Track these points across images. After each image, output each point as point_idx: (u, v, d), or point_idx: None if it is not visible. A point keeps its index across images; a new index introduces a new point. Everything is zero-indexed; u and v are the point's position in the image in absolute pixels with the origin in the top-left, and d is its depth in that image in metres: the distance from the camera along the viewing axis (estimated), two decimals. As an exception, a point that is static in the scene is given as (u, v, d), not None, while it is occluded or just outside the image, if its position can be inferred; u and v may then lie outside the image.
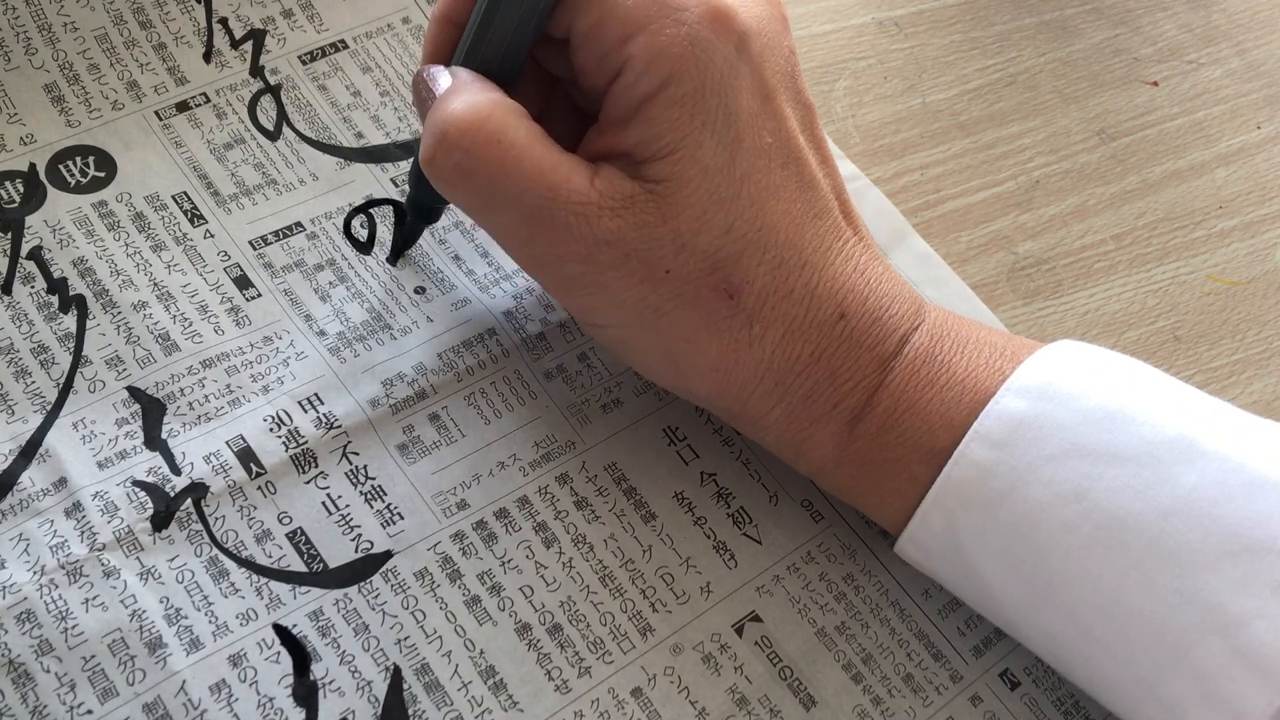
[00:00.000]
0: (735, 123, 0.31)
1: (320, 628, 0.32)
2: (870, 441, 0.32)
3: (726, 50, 0.31)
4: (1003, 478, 0.30)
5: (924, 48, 0.49)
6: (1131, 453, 0.29)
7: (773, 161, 0.31)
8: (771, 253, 0.31)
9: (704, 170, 0.31)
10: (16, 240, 0.37)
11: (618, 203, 0.31)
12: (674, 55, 0.30)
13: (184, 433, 0.34)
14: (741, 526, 0.36)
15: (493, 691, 0.32)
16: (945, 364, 0.32)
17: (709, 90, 0.30)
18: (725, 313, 0.31)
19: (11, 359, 0.35)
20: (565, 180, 0.30)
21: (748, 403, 0.33)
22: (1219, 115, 0.48)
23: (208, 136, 0.40)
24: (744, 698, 0.33)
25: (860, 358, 0.32)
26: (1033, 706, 0.34)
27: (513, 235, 0.32)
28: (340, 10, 0.44)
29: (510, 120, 0.31)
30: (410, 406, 0.36)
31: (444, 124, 0.30)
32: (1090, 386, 0.31)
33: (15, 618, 0.31)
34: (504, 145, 0.30)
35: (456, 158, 0.30)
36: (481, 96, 0.31)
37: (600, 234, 0.30)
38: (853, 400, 0.32)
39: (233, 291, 0.37)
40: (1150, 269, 0.44)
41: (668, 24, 0.30)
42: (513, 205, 0.31)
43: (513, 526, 0.35)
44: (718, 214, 0.31)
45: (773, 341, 0.32)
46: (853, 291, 0.32)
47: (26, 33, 0.40)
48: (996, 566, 0.31)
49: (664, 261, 0.31)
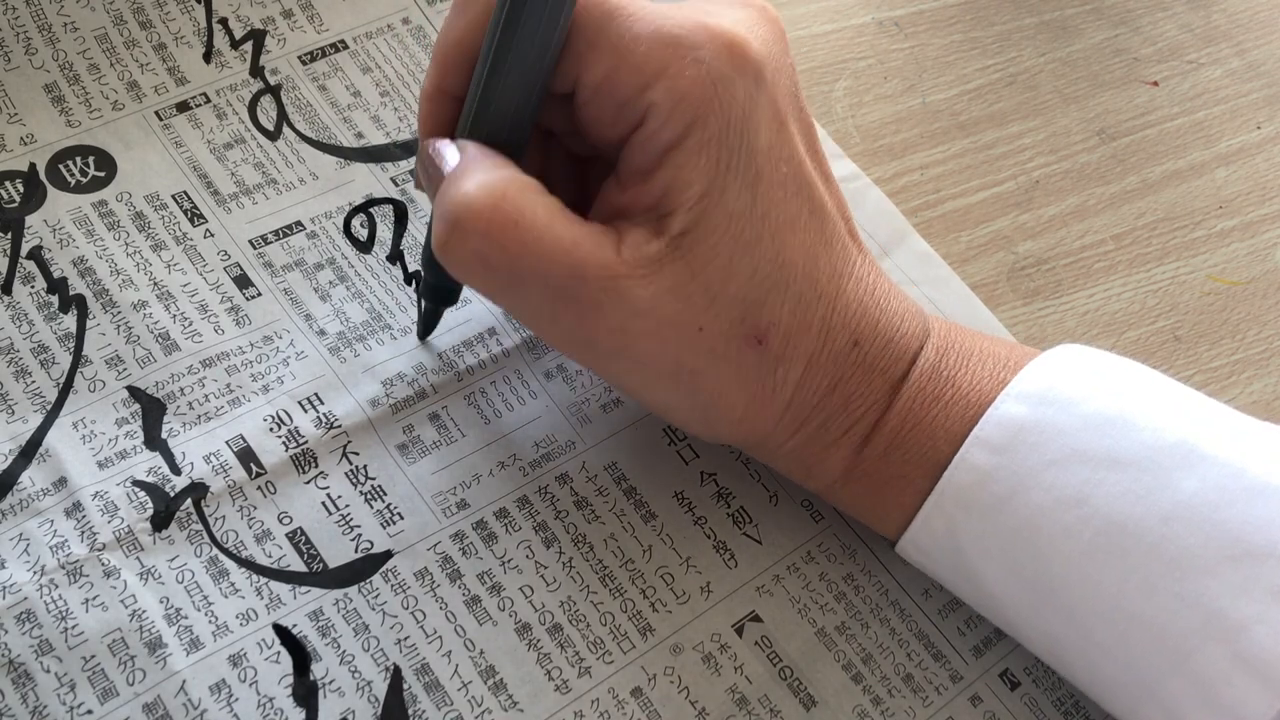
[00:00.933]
0: (756, 159, 0.30)
1: (320, 628, 0.32)
2: (877, 461, 0.32)
3: (746, 84, 0.29)
4: (1003, 482, 0.30)
5: (924, 48, 0.49)
6: (1132, 458, 0.29)
7: (787, 192, 0.31)
8: (793, 289, 0.31)
9: (729, 215, 0.29)
10: (16, 240, 0.37)
11: (647, 268, 0.29)
12: (697, 98, 0.29)
13: (184, 432, 0.34)
14: (741, 526, 0.36)
15: (493, 691, 0.32)
16: (950, 379, 0.32)
17: (732, 129, 0.29)
18: (755, 362, 0.31)
19: (11, 359, 0.35)
20: (590, 256, 0.29)
21: (768, 439, 0.33)
22: (1219, 115, 0.48)
23: (208, 136, 0.40)
24: (744, 698, 0.33)
25: (873, 382, 0.32)
26: (1033, 706, 0.34)
27: (538, 316, 0.30)
28: (340, 10, 0.44)
29: (527, 199, 0.29)
30: (410, 406, 0.36)
31: (457, 209, 0.28)
32: (1091, 391, 0.31)
33: (15, 618, 0.31)
34: (522, 227, 0.28)
35: (473, 244, 0.28)
36: (494, 175, 0.29)
37: (633, 304, 0.29)
38: (864, 424, 0.32)
39: (233, 291, 0.37)
40: (1150, 269, 0.44)
41: (686, 65, 0.29)
42: (537, 287, 0.29)
43: (513, 526, 0.35)
44: (744, 259, 0.30)
45: (795, 380, 0.31)
46: (865, 317, 0.32)
47: (26, 33, 0.40)
48: (997, 570, 0.31)
49: (697, 319, 0.30)
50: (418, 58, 0.43)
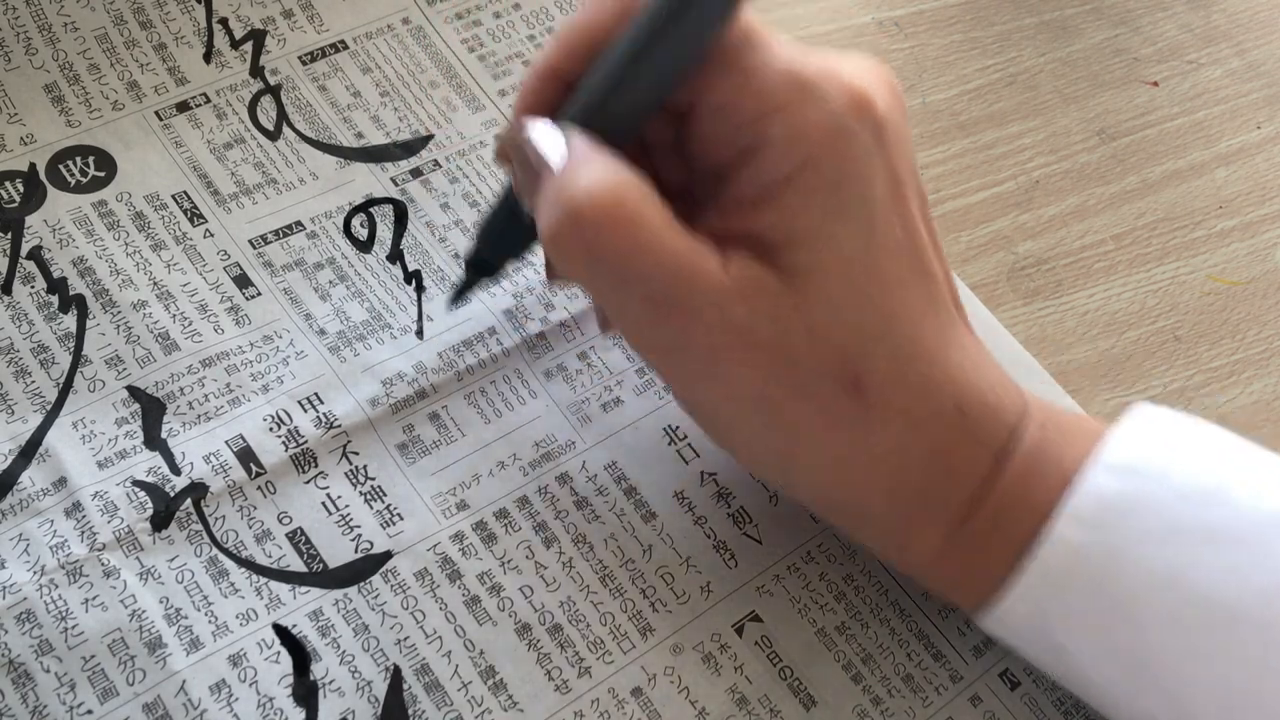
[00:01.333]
0: (871, 213, 0.30)
1: (320, 628, 0.32)
2: (978, 539, 0.31)
3: (866, 139, 0.29)
4: (1097, 560, 0.29)
5: (924, 48, 0.49)
6: (1229, 532, 0.29)
7: (899, 251, 0.30)
8: (897, 345, 0.30)
9: (840, 261, 0.29)
10: (16, 240, 0.37)
11: (751, 291, 0.29)
12: (816, 140, 0.29)
13: (184, 432, 0.34)
14: (741, 526, 0.36)
15: (493, 691, 0.32)
16: (1054, 457, 0.31)
17: (848, 179, 0.29)
18: (848, 407, 0.30)
19: (11, 359, 0.35)
20: (698, 266, 0.29)
21: (856, 498, 0.31)
22: (1219, 115, 0.48)
23: (208, 136, 0.40)
24: (744, 698, 0.33)
25: (977, 453, 0.31)
26: (1033, 706, 0.34)
27: (637, 318, 0.30)
28: (340, 10, 0.44)
29: (646, 201, 0.29)
30: (410, 406, 0.36)
31: (577, 200, 0.28)
32: (1181, 461, 0.30)
33: (15, 618, 0.31)
34: (639, 226, 0.28)
35: (589, 237, 0.28)
36: (613, 173, 0.29)
37: (731, 323, 0.29)
38: (964, 497, 0.31)
39: (232, 290, 0.37)
40: (1150, 269, 0.44)
41: (809, 106, 0.29)
42: (641, 288, 0.29)
43: (513, 526, 0.35)
44: (850, 306, 0.29)
45: (892, 438, 0.30)
46: (969, 384, 0.31)
47: (26, 33, 0.40)
48: (1091, 649, 0.30)
49: (793, 353, 0.29)
50: (418, 58, 0.43)
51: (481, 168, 0.41)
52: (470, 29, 0.44)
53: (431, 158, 0.41)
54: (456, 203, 0.40)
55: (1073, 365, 0.41)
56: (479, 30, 0.44)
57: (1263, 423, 0.41)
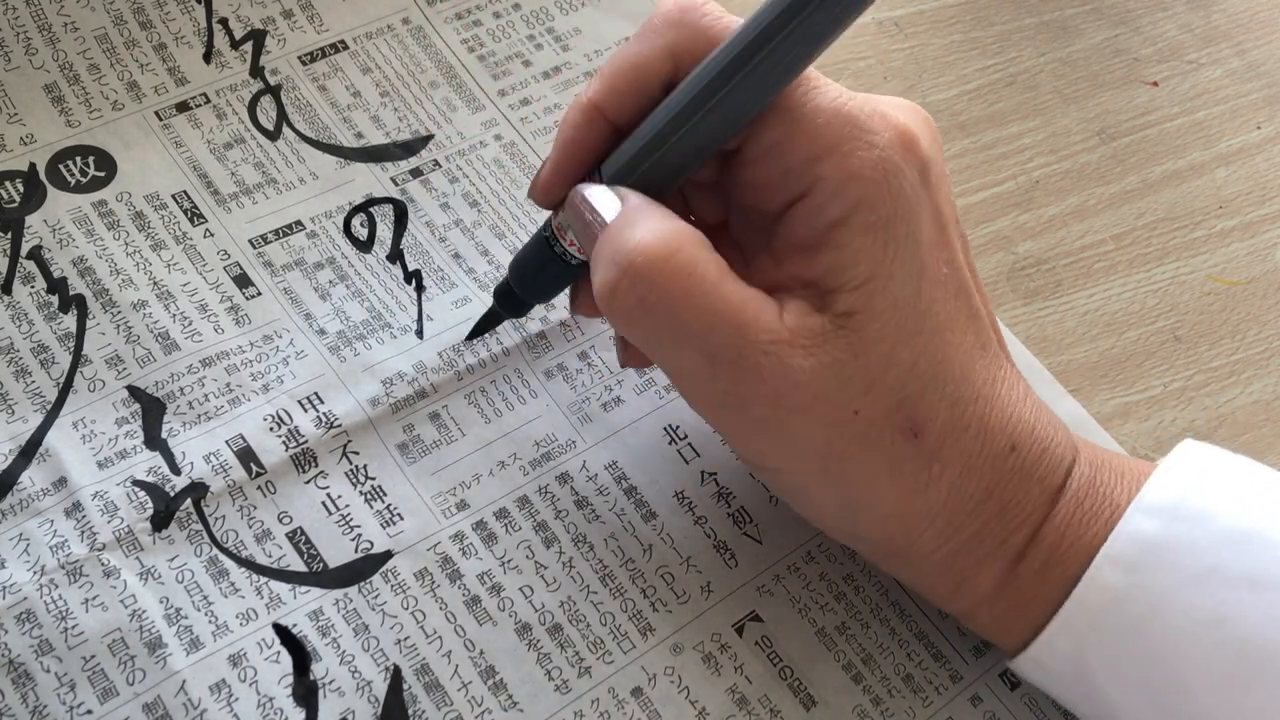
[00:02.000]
0: (920, 253, 0.29)
1: (320, 627, 0.32)
2: (1033, 579, 0.30)
3: (913, 177, 0.29)
4: (1137, 603, 0.29)
5: (924, 48, 0.49)
6: (1273, 577, 0.28)
7: (948, 293, 0.30)
8: (950, 387, 0.30)
9: (895, 303, 0.29)
10: (16, 240, 0.37)
11: (810, 340, 0.29)
12: (867, 179, 0.29)
13: (184, 432, 0.34)
14: (742, 526, 0.36)
15: (493, 691, 0.32)
16: (1109, 496, 0.30)
17: (899, 218, 0.29)
18: (909, 454, 0.30)
19: (11, 359, 0.35)
20: (755, 318, 0.28)
21: (914, 545, 0.31)
22: (1219, 115, 0.48)
23: (208, 136, 0.40)
24: (744, 698, 0.33)
25: (1030, 490, 0.30)
26: (1033, 706, 0.34)
27: (695, 374, 0.30)
28: (340, 11, 0.44)
29: (701, 254, 0.29)
30: (410, 406, 0.36)
31: (631, 255, 0.28)
32: (1222, 503, 0.29)
33: (15, 618, 0.31)
34: (694, 279, 0.28)
35: (642, 291, 0.28)
36: (668, 226, 0.29)
37: (792, 374, 0.28)
38: (1019, 537, 0.30)
39: (232, 290, 0.37)
40: (1150, 269, 0.44)
41: (860, 145, 0.29)
42: (698, 343, 0.29)
43: (513, 526, 0.35)
44: (905, 349, 0.29)
45: (950, 481, 0.30)
46: (1021, 422, 0.31)
47: (26, 33, 0.40)
48: (1130, 694, 0.29)
49: (853, 402, 0.29)
50: (418, 58, 0.43)
51: (481, 168, 0.41)
52: (470, 29, 0.44)
53: (431, 158, 0.41)
54: (456, 202, 0.40)
55: (1073, 365, 0.41)
56: (479, 30, 0.44)
57: (1263, 423, 0.41)
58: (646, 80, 0.30)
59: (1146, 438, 0.40)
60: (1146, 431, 0.40)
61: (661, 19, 0.31)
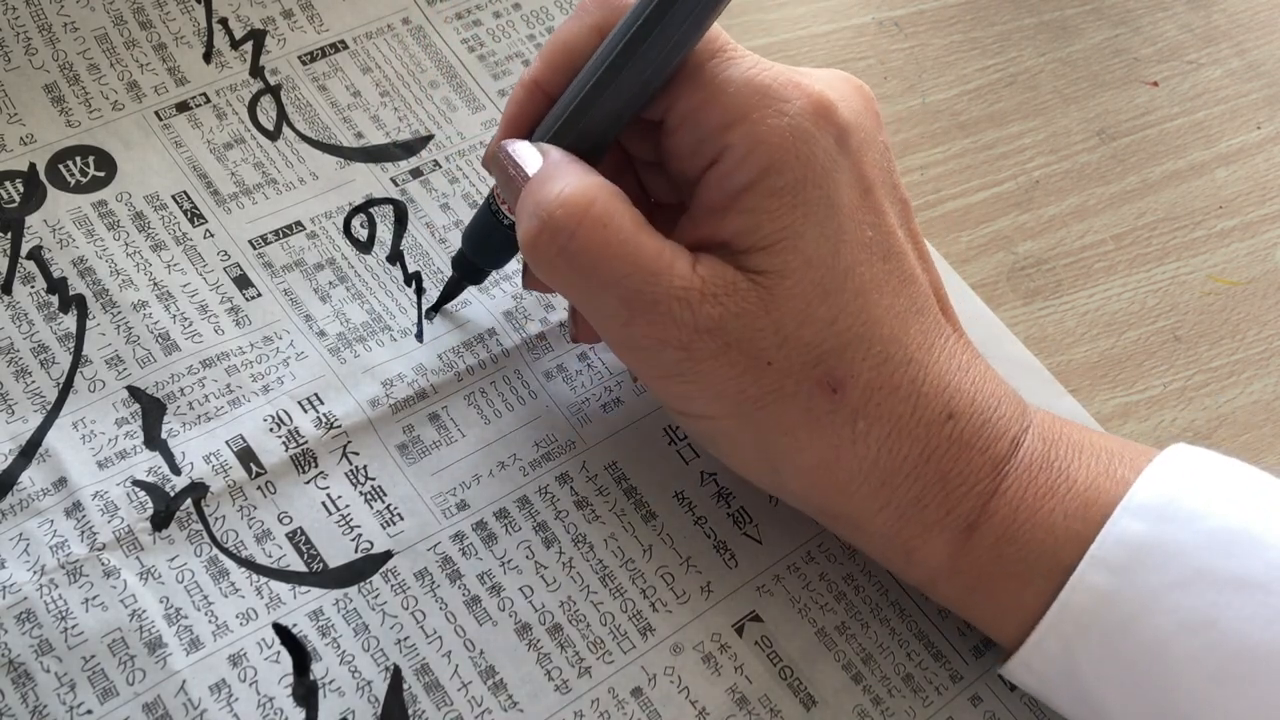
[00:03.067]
0: (837, 215, 0.30)
1: (320, 627, 0.32)
2: (988, 552, 0.31)
3: (827, 143, 0.30)
4: (1124, 605, 0.29)
5: (924, 48, 0.49)
6: (1259, 579, 0.28)
7: (874, 255, 0.31)
8: (876, 347, 0.30)
9: (807, 262, 0.30)
10: (16, 240, 0.37)
11: (720, 290, 0.30)
12: (774, 145, 0.30)
13: (184, 432, 0.34)
14: (742, 526, 0.36)
15: (493, 691, 0.32)
16: (1064, 471, 0.31)
17: (810, 182, 0.30)
18: (827, 408, 0.30)
19: (11, 359, 0.35)
20: (669, 266, 0.30)
21: (850, 503, 0.31)
22: (1219, 115, 0.48)
23: (208, 136, 0.40)
24: (744, 698, 0.33)
25: (972, 460, 0.31)
26: (1032, 707, 0.34)
27: (611, 318, 0.31)
28: (340, 10, 0.44)
29: (616, 205, 0.30)
30: (410, 406, 0.36)
31: (549, 206, 0.30)
32: (1211, 504, 0.30)
33: (15, 618, 0.31)
34: (610, 229, 0.29)
35: (562, 241, 0.30)
36: (586, 179, 0.30)
37: (702, 321, 0.30)
38: (966, 506, 0.31)
39: (232, 291, 0.37)
40: (1150, 269, 0.44)
41: (769, 114, 0.30)
42: (614, 289, 0.30)
43: (513, 526, 0.35)
44: (821, 306, 0.30)
45: (878, 439, 0.30)
46: (960, 391, 0.31)
47: (26, 33, 0.40)
48: (1118, 696, 0.30)
49: (766, 353, 0.30)
50: (418, 58, 0.43)
51: (481, 168, 0.41)
52: (470, 29, 0.44)
53: (431, 158, 0.41)
54: (456, 203, 0.40)
55: (1073, 365, 0.41)
56: (479, 30, 0.44)
57: (1263, 422, 0.41)
58: (576, 55, 0.32)
59: (1146, 438, 0.40)
60: (1146, 431, 0.40)
61: (592, 0, 0.32)
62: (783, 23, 0.48)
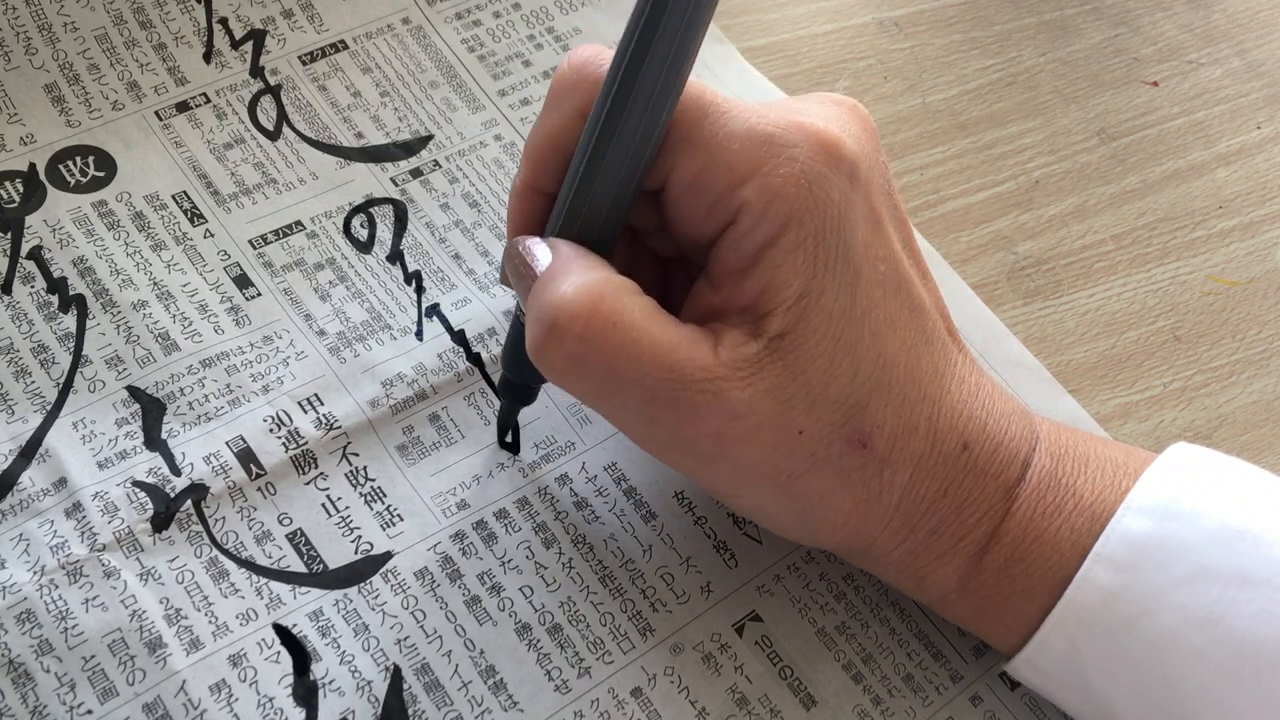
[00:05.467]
0: (853, 259, 0.29)
1: (320, 628, 0.32)
2: (997, 574, 0.31)
3: (840, 183, 0.29)
4: (1130, 603, 0.29)
5: (924, 48, 0.49)
6: (1263, 575, 0.28)
7: (886, 291, 0.30)
8: (895, 390, 0.30)
9: (828, 316, 0.29)
10: (16, 240, 0.37)
11: (746, 370, 0.28)
12: (790, 196, 0.28)
13: (184, 433, 0.34)
14: (742, 526, 0.36)
15: (493, 691, 0.32)
16: (1070, 487, 0.31)
17: (829, 230, 0.29)
18: (858, 464, 0.30)
19: (11, 359, 0.35)
20: (688, 358, 0.28)
21: (873, 544, 0.31)
22: (1219, 115, 0.48)
23: (208, 136, 0.40)
24: (744, 697, 0.33)
25: (985, 486, 0.30)
26: (1033, 707, 0.34)
27: (634, 420, 0.29)
28: (340, 11, 0.44)
29: (624, 300, 0.28)
30: (410, 407, 0.36)
31: (554, 311, 0.28)
32: (1214, 502, 0.30)
33: (15, 618, 0.31)
34: (620, 329, 0.28)
35: (569, 347, 0.28)
36: (590, 276, 0.28)
37: (731, 408, 0.28)
38: (979, 532, 0.31)
39: (232, 291, 0.37)
40: (1150, 269, 0.44)
41: (780, 163, 0.28)
42: (633, 390, 0.28)
43: (513, 527, 0.35)
44: (845, 360, 0.29)
45: (901, 484, 0.30)
46: (973, 419, 0.31)
47: (26, 33, 0.40)
48: (1124, 693, 0.30)
49: (797, 423, 0.29)
50: (418, 58, 0.43)
51: (481, 168, 0.41)
52: (470, 29, 0.44)
53: (431, 158, 0.41)
54: (456, 203, 0.40)
55: (1073, 365, 0.41)
56: (479, 30, 0.44)
57: (1263, 422, 0.41)
58: (564, 147, 0.31)
59: (1146, 438, 0.40)
60: (1146, 431, 0.40)
61: (561, 83, 0.31)
62: (783, 23, 0.48)
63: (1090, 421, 0.39)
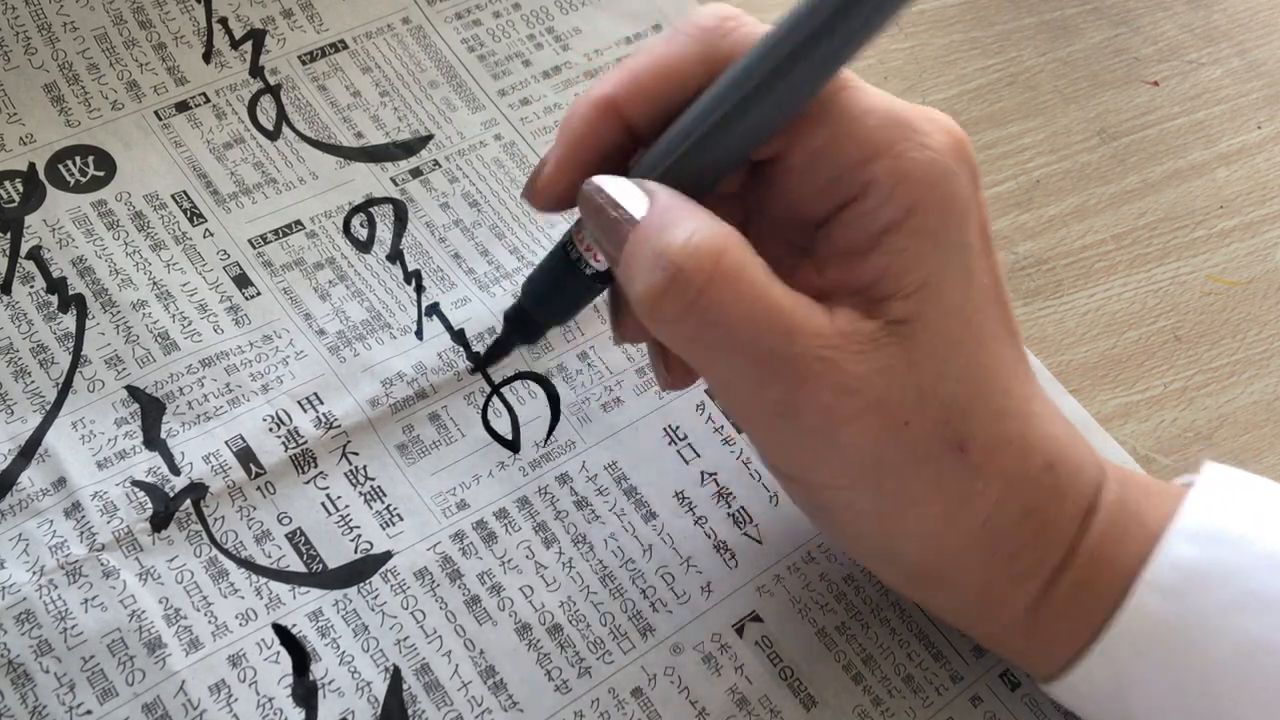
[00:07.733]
0: (970, 259, 0.28)
1: (320, 628, 0.32)
2: (1065, 600, 0.29)
3: (966, 179, 0.28)
4: (1178, 630, 0.28)
5: (924, 48, 0.49)
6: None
7: (989, 301, 0.29)
8: (995, 400, 0.29)
9: (946, 312, 0.28)
10: (16, 240, 0.37)
11: (863, 344, 0.27)
12: (920, 180, 0.27)
13: (183, 432, 0.34)
14: (742, 526, 0.36)
15: (493, 691, 0.32)
16: (1135, 515, 0.30)
17: (951, 223, 0.28)
18: (954, 468, 0.28)
19: (11, 359, 0.35)
20: (806, 321, 0.27)
21: (953, 568, 0.30)
22: (1219, 115, 0.48)
23: (207, 136, 0.40)
24: (744, 698, 0.33)
25: (1066, 509, 0.29)
26: (1033, 707, 0.34)
27: (744, 383, 0.28)
28: (340, 10, 0.44)
29: (747, 255, 0.27)
30: (410, 406, 0.36)
31: (677, 257, 0.26)
32: (1261, 526, 0.29)
33: (15, 618, 0.31)
34: (744, 283, 0.26)
35: (691, 296, 0.26)
36: (714, 225, 0.27)
37: (846, 380, 0.27)
38: (1055, 557, 0.29)
39: (232, 290, 0.37)
40: (1150, 269, 0.44)
41: (912, 147, 0.27)
42: (748, 349, 0.27)
43: (512, 526, 0.35)
44: (956, 359, 0.28)
45: (993, 498, 0.29)
46: (1057, 439, 0.30)
47: (26, 33, 0.40)
48: (1167, 719, 0.29)
49: (905, 412, 0.27)
50: (418, 58, 0.43)
51: (481, 168, 0.41)
52: (470, 29, 0.44)
53: (431, 158, 0.41)
54: (456, 202, 0.40)
55: (1073, 365, 0.41)
56: (479, 30, 0.44)
57: (1263, 422, 0.41)
58: (677, 84, 0.29)
59: (1147, 438, 0.40)
60: (1147, 432, 0.40)
61: (696, 26, 0.29)
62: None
63: (1091, 421, 0.39)
